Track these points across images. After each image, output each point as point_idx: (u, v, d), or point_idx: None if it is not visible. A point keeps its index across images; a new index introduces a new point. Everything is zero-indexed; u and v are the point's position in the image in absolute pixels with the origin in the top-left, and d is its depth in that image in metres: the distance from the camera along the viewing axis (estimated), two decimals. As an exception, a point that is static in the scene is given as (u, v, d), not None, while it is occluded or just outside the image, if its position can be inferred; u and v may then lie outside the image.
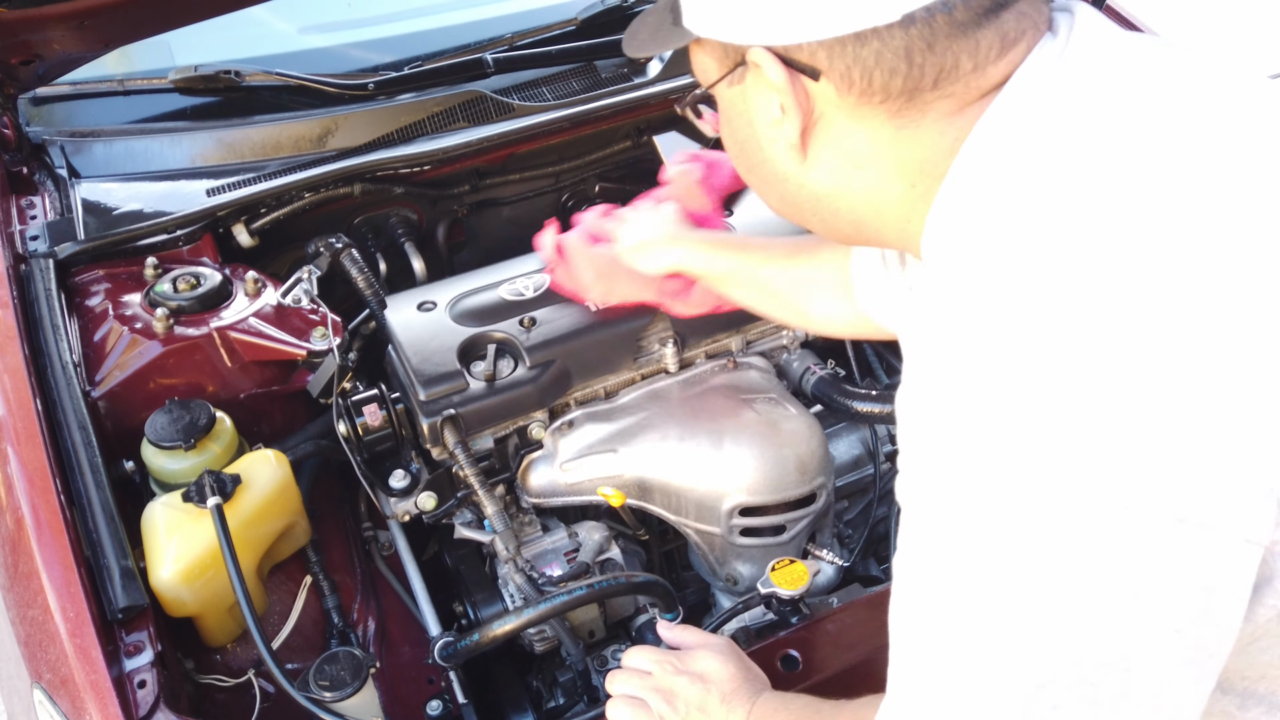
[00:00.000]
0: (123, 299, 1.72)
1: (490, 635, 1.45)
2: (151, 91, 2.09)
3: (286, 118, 2.03)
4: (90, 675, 1.28)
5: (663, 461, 1.64)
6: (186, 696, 1.40)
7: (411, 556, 1.68)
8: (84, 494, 1.45)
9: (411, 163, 1.98)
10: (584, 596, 1.47)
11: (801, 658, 1.38)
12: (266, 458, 1.56)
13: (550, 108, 2.07)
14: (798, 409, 1.69)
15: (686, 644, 1.36)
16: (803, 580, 1.41)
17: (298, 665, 1.50)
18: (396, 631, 1.63)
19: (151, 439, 1.54)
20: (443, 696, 1.52)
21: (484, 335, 1.70)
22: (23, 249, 1.79)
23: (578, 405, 1.74)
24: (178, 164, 1.97)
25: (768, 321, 1.82)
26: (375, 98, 2.06)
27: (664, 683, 1.30)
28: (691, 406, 1.69)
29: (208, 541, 1.43)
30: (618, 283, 1.65)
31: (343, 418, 1.62)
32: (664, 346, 1.75)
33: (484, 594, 1.62)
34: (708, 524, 1.64)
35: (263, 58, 2.14)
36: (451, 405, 1.62)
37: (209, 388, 1.67)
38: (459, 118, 2.05)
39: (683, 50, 1.00)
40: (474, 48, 2.21)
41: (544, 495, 1.69)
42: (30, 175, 1.96)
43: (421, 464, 1.65)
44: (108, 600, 1.36)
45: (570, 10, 2.29)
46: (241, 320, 1.70)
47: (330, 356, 1.67)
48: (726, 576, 1.70)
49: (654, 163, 2.24)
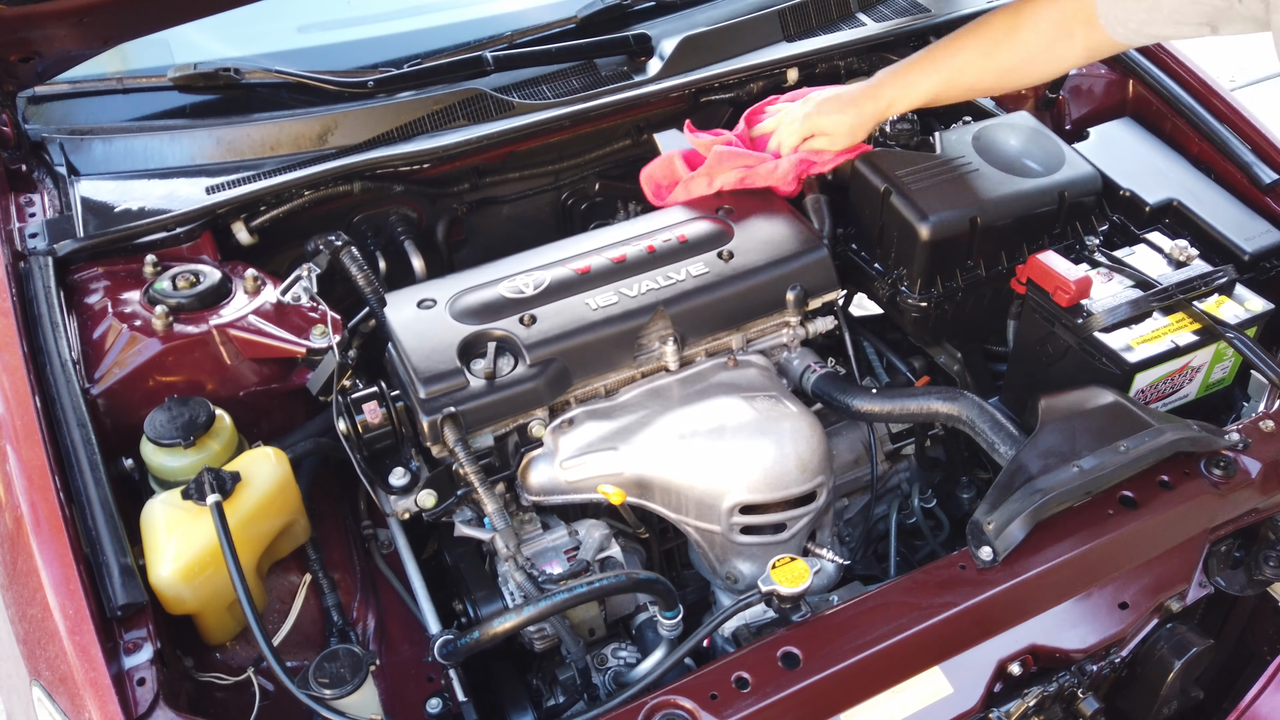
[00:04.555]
0: (122, 296, 1.72)
1: (490, 633, 1.45)
2: (151, 89, 2.09)
3: (286, 115, 2.02)
4: (89, 673, 1.28)
5: (663, 459, 1.64)
6: (186, 694, 1.40)
7: (411, 554, 1.68)
8: (83, 491, 1.45)
9: (411, 160, 1.98)
10: (584, 594, 1.47)
11: (802, 655, 1.38)
12: (266, 455, 1.56)
13: (550, 106, 2.07)
14: (798, 407, 1.69)
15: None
16: (803, 578, 1.41)
17: (297, 663, 1.50)
18: (396, 629, 1.62)
19: (151, 436, 1.54)
20: (442, 694, 1.51)
21: (484, 333, 1.70)
22: (22, 246, 1.79)
23: (578, 403, 1.74)
24: (177, 162, 1.97)
25: (767, 320, 1.82)
26: (375, 95, 2.06)
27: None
28: (692, 404, 1.69)
29: (207, 539, 1.43)
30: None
31: (342, 415, 1.62)
32: (664, 344, 1.75)
33: (484, 592, 1.62)
34: (708, 522, 1.64)
35: (262, 55, 2.14)
36: (451, 403, 1.62)
37: (208, 385, 1.67)
38: (459, 116, 2.05)
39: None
40: (474, 46, 2.21)
41: (544, 493, 1.69)
42: (29, 173, 1.96)
43: (421, 462, 1.65)
44: (107, 598, 1.36)
45: (570, 8, 2.29)
46: (241, 318, 1.70)
47: (330, 354, 1.67)
48: (726, 575, 1.70)
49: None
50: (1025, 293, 1.78)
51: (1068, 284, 1.69)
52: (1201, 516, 1.54)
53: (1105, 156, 2.03)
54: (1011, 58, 1.76)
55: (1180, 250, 1.80)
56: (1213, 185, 2.04)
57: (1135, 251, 1.83)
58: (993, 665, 1.39)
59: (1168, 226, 1.95)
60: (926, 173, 1.86)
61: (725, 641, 1.61)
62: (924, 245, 1.79)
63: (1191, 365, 1.72)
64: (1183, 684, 1.56)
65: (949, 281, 1.85)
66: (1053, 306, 1.73)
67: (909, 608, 1.43)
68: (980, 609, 1.43)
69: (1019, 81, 1.85)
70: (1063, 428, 1.55)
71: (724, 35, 2.22)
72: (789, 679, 1.36)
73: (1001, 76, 1.81)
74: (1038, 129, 1.98)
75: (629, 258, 1.83)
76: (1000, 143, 1.96)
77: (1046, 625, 1.44)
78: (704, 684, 1.35)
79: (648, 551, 1.81)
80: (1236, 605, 1.75)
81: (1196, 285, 1.73)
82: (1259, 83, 4.83)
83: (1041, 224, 1.88)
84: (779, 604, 1.43)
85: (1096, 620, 1.46)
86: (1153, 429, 1.54)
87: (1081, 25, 1.67)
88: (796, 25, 2.30)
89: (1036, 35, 1.71)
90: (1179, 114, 2.14)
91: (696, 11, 2.33)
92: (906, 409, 1.72)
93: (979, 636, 1.42)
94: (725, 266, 1.81)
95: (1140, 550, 1.51)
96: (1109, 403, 1.59)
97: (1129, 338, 1.68)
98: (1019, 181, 1.87)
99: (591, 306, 1.74)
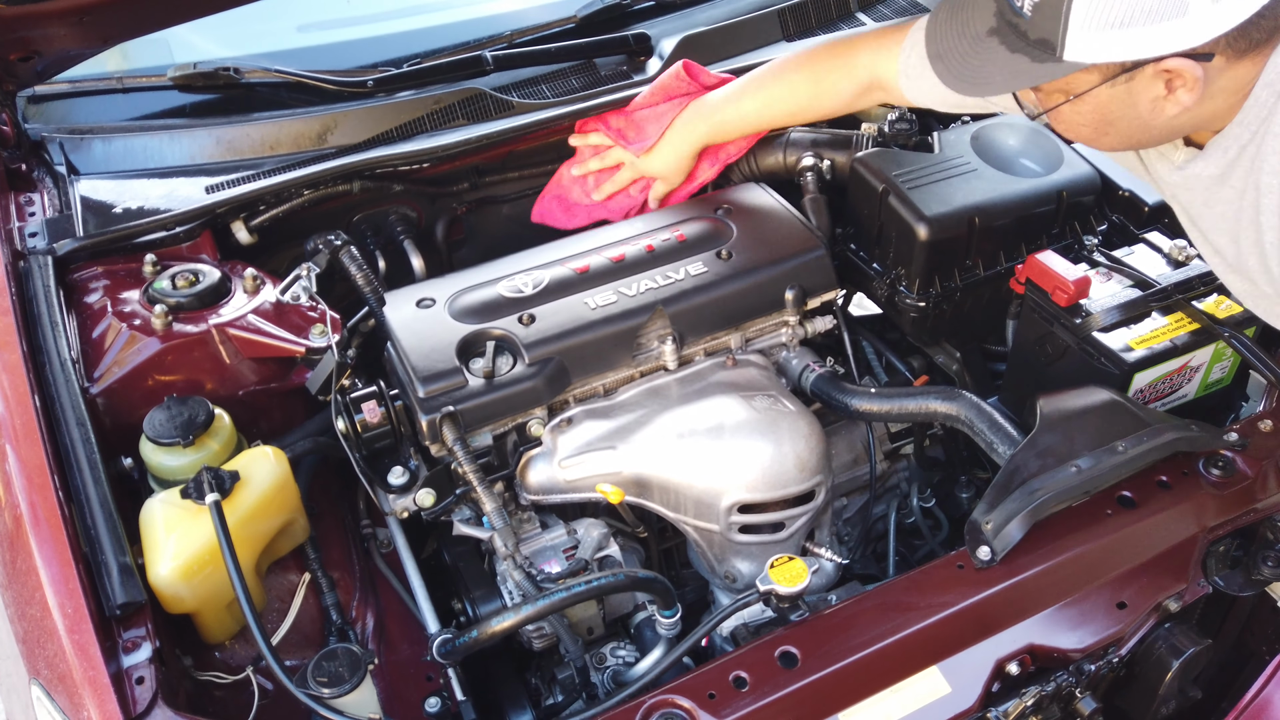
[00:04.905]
0: (121, 296, 1.72)
1: (489, 632, 1.45)
2: (150, 89, 2.09)
3: (286, 115, 2.03)
4: (88, 671, 1.28)
5: (661, 458, 1.64)
6: (185, 693, 1.40)
7: (410, 553, 1.68)
8: (82, 490, 1.45)
9: (411, 160, 1.98)
10: (582, 593, 1.47)
11: (800, 655, 1.38)
12: (265, 454, 1.56)
13: (549, 105, 2.07)
14: (797, 406, 1.69)
15: None
16: (801, 577, 1.41)
17: (296, 661, 1.50)
18: (395, 628, 1.63)
19: (150, 435, 1.54)
20: (441, 693, 1.52)
21: (483, 332, 1.70)
22: (21, 246, 1.79)
23: (577, 402, 1.74)
24: (177, 161, 1.97)
25: (766, 320, 1.82)
26: (374, 95, 2.06)
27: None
28: (690, 404, 1.69)
29: (206, 538, 1.43)
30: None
31: (341, 414, 1.62)
32: (663, 344, 1.75)
33: (482, 591, 1.62)
34: (706, 521, 1.64)
35: (262, 55, 2.14)
36: (450, 402, 1.62)
37: (207, 384, 1.68)
38: (458, 115, 2.05)
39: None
40: (473, 45, 2.22)
41: (543, 492, 1.69)
42: (29, 172, 1.96)
43: (420, 461, 1.65)
44: (106, 596, 1.36)
45: (569, 8, 2.29)
46: (240, 317, 1.70)
47: (329, 353, 1.67)
48: (725, 574, 1.70)
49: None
50: (1024, 292, 1.78)
51: (1066, 284, 1.70)
52: (1200, 516, 1.54)
53: (1104, 156, 2.02)
54: (819, 101, 1.88)
55: (1179, 250, 1.80)
56: (1212, 185, 2.04)
57: (1134, 251, 1.84)
58: (991, 665, 1.39)
59: (1166, 226, 1.95)
60: (925, 173, 1.86)
61: (724, 641, 1.62)
62: (922, 245, 1.79)
63: (1190, 365, 1.72)
64: (1181, 684, 1.56)
65: (947, 281, 1.85)
66: (1051, 306, 1.73)
67: (907, 607, 1.43)
68: (978, 608, 1.43)
69: (817, 117, 1.96)
70: (1061, 427, 1.55)
71: (723, 35, 2.22)
72: (787, 678, 1.36)
73: (806, 114, 1.93)
74: (1037, 129, 1.98)
75: (628, 257, 1.83)
76: (999, 142, 1.96)
77: (1044, 625, 1.44)
78: (702, 683, 1.35)
79: (646, 550, 1.81)
80: (1235, 605, 1.75)
81: (1195, 285, 1.74)
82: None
83: (1040, 224, 1.88)
84: (777, 603, 1.43)
85: (1094, 620, 1.46)
86: (1151, 429, 1.54)
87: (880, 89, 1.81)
88: (796, 25, 2.30)
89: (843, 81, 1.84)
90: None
91: (696, 11, 2.34)
92: (905, 409, 1.72)
93: (977, 636, 1.42)
94: (724, 266, 1.81)
95: (1138, 550, 1.51)
96: (1107, 402, 1.59)
97: (1128, 337, 1.68)
98: (1018, 181, 1.87)
99: (590, 306, 1.74)
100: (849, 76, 1.82)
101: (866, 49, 1.79)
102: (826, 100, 1.87)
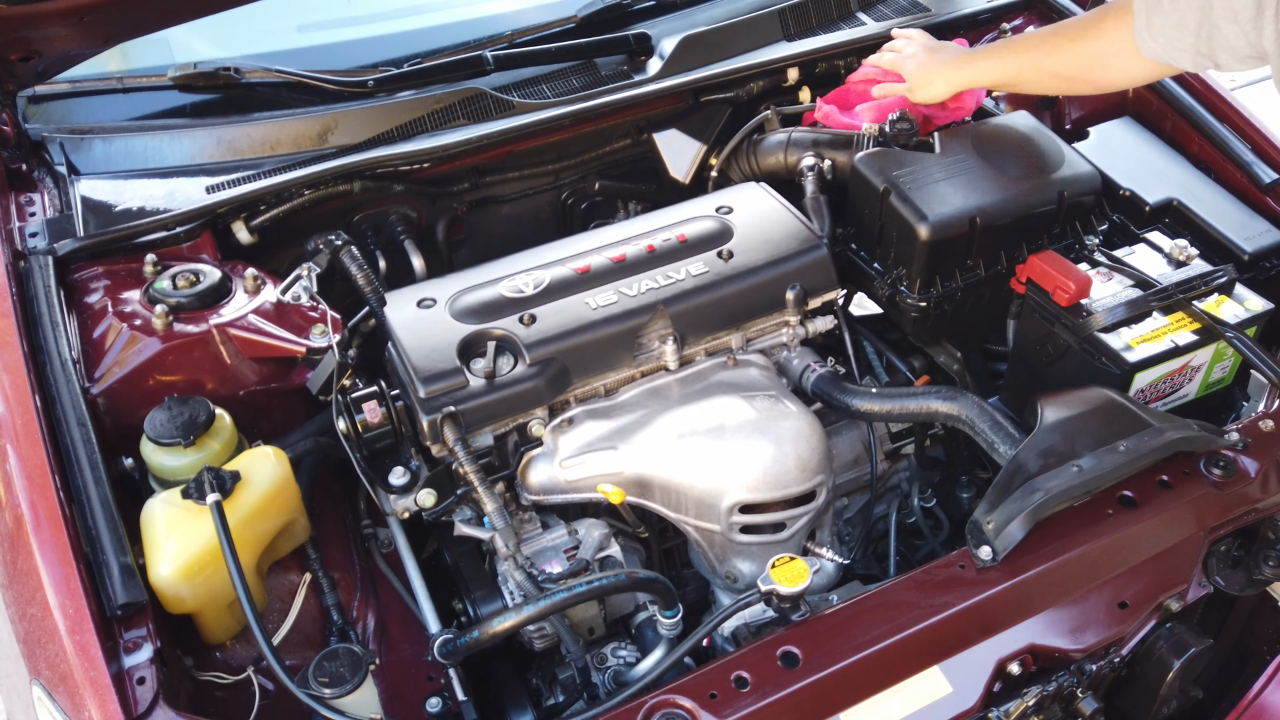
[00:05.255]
0: (122, 296, 1.72)
1: (490, 632, 1.45)
2: (151, 89, 2.09)
3: (286, 115, 2.02)
4: (89, 672, 1.28)
5: (662, 459, 1.64)
6: (186, 693, 1.40)
7: (411, 554, 1.68)
8: (83, 491, 1.45)
9: (411, 160, 1.98)
10: (583, 593, 1.47)
11: (801, 655, 1.38)
12: (266, 455, 1.56)
13: (550, 105, 2.07)
14: (798, 406, 1.69)
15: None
16: (802, 577, 1.41)
17: (297, 662, 1.50)
18: (396, 628, 1.63)
19: (151, 436, 1.54)
20: (442, 694, 1.52)
21: (484, 332, 1.70)
22: (22, 246, 1.79)
23: (577, 402, 1.74)
24: (177, 161, 1.97)
25: (767, 320, 1.82)
26: (375, 95, 2.06)
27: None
28: (691, 404, 1.69)
29: (207, 538, 1.43)
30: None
31: (342, 415, 1.62)
32: (664, 344, 1.75)
33: (483, 591, 1.62)
34: (707, 521, 1.64)
35: (262, 55, 2.14)
36: (451, 402, 1.62)
37: (208, 384, 1.67)
38: (459, 115, 2.05)
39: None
40: (473, 45, 2.22)
41: (544, 492, 1.69)
42: (29, 172, 1.96)
43: (421, 461, 1.65)
44: (107, 597, 1.36)
45: (570, 8, 2.29)
46: (241, 317, 1.70)
47: (330, 353, 1.67)
48: (726, 574, 1.70)
49: (653, 160, 2.24)
50: (1025, 292, 1.78)
51: (1067, 284, 1.70)
52: (1201, 516, 1.54)
53: (1105, 156, 2.03)
54: (1069, 67, 1.82)
55: (1180, 250, 1.80)
56: (1213, 185, 2.04)
57: (1135, 251, 1.84)
58: (992, 665, 1.39)
59: (1167, 226, 1.95)
60: (926, 173, 1.86)
61: (725, 641, 1.61)
62: (923, 245, 1.79)
63: (1191, 365, 1.72)
64: (1182, 684, 1.56)
65: (948, 281, 1.85)
66: (1052, 306, 1.73)
67: (908, 607, 1.43)
68: (979, 608, 1.43)
69: (1079, 90, 2.03)
70: (1062, 427, 1.55)
71: (724, 35, 2.22)
72: (788, 678, 1.36)
73: (1060, 83, 1.93)
74: (1037, 128, 1.98)
75: (629, 257, 1.83)
76: (1000, 142, 1.96)
77: (1046, 625, 1.44)
78: (703, 683, 1.35)
79: (647, 551, 1.81)
80: (1236, 605, 1.75)
81: (1196, 285, 1.74)
82: (1259, 82, 4.82)
83: (1041, 224, 1.88)
84: (778, 603, 1.43)
85: (1096, 620, 1.46)
86: (1152, 428, 1.54)
87: (1131, 50, 1.70)
88: (796, 25, 2.30)
89: (1117, 35, 1.74)
90: (1179, 113, 2.14)
91: (696, 11, 2.34)
92: (906, 408, 1.72)
93: (978, 636, 1.42)
94: (725, 266, 1.81)
95: (1139, 550, 1.51)
96: (1108, 402, 1.59)
97: (1129, 337, 1.68)
98: (1018, 181, 1.87)
99: (591, 306, 1.74)
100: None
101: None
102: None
